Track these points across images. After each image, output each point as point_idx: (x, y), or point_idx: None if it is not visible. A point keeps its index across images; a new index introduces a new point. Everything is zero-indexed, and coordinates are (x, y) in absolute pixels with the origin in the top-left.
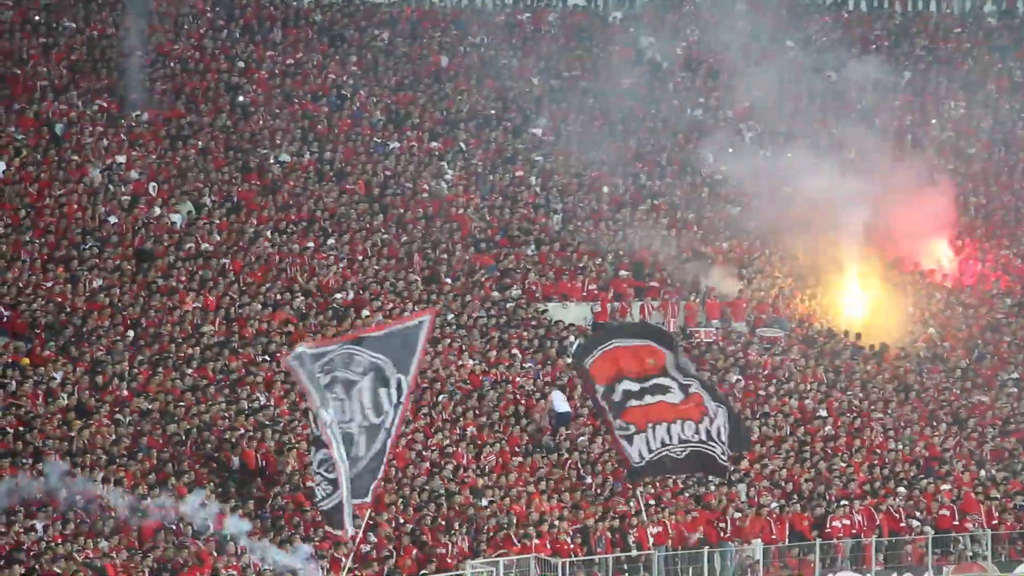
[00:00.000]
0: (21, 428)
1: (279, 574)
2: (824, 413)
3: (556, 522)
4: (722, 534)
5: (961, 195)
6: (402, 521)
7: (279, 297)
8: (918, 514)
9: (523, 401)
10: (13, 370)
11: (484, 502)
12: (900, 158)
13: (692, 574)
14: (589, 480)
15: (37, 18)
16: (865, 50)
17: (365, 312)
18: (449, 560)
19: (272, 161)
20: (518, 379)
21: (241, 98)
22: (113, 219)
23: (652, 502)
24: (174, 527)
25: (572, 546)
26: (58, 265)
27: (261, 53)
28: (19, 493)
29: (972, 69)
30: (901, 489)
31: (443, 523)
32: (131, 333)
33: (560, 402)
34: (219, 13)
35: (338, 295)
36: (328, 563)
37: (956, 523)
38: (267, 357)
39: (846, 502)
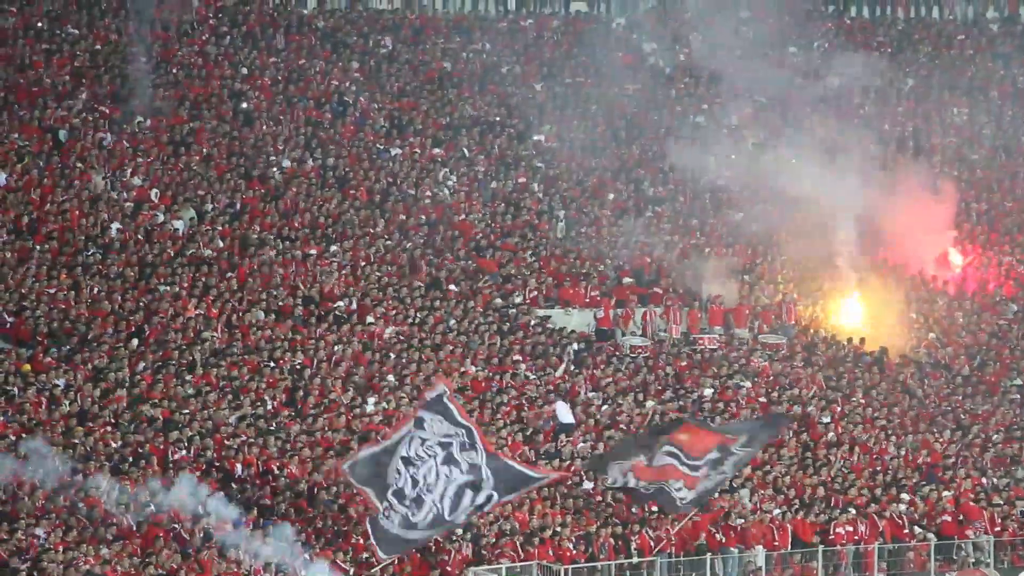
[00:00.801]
0: (24, 435)
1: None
2: (826, 419)
3: (558, 529)
4: (724, 540)
5: (964, 201)
6: None
7: (281, 304)
8: (917, 517)
9: (526, 408)
10: (16, 377)
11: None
12: (903, 164)
13: None
14: (591, 486)
15: (40, 24)
16: (868, 56)
17: (369, 319)
18: (451, 568)
19: (275, 169)
20: (524, 386)
21: (244, 105)
22: (116, 226)
23: (655, 509)
24: (176, 532)
25: (574, 553)
26: (61, 272)
27: (264, 60)
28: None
29: (975, 76)
30: (904, 496)
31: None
32: (135, 340)
33: (564, 413)
34: (222, 20)
35: (340, 303)
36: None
37: (959, 529)
38: (271, 364)
39: (852, 509)
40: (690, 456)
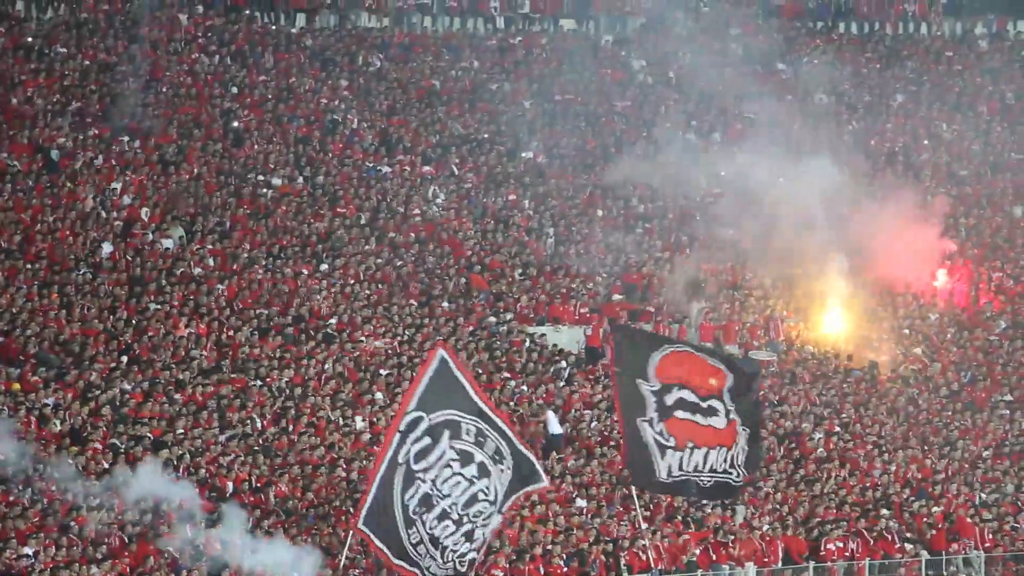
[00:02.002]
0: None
1: None
2: (817, 435)
3: (549, 547)
4: (715, 557)
5: (953, 217)
6: None
7: (272, 322)
8: (910, 535)
9: (518, 425)
10: (6, 396)
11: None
12: (892, 180)
13: None
14: (583, 504)
15: (30, 41)
16: (857, 73)
17: (361, 338)
18: None
19: (265, 188)
20: (518, 402)
21: (234, 123)
22: (107, 245)
23: (644, 525)
24: (167, 553)
25: (566, 570)
26: (51, 291)
27: (253, 78)
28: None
29: (964, 92)
30: (885, 511)
31: None
32: (124, 359)
33: (553, 424)
34: (211, 38)
35: (331, 320)
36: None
37: (949, 545)
38: (259, 382)
39: (845, 523)
40: (701, 397)
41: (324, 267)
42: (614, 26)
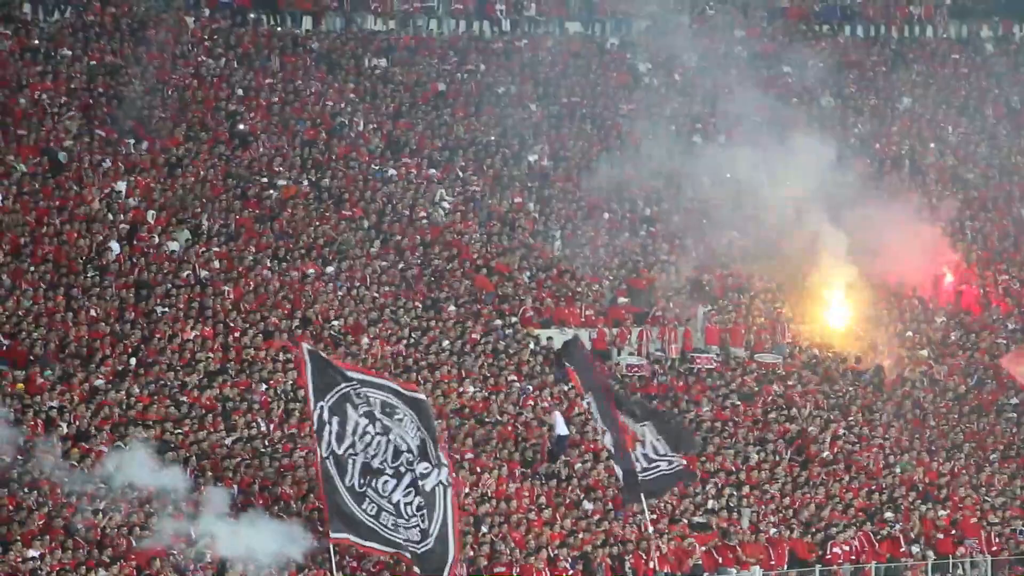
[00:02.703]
0: (20, 456)
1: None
2: (823, 438)
3: (555, 551)
4: (721, 560)
5: (959, 220)
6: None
7: (280, 324)
8: (914, 537)
9: (522, 427)
10: (12, 399)
11: (484, 529)
12: (898, 183)
13: None
14: (589, 507)
15: (36, 44)
16: (862, 76)
17: (364, 340)
18: None
19: (271, 190)
20: (524, 404)
21: (240, 126)
22: (113, 246)
23: (650, 529)
24: (173, 554)
25: (572, 572)
26: (57, 293)
27: (260, 81)
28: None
29: (969, 94)
30: (889, 514)
31: None
32: (132, 360)
33: (560, 425)
34: (217, 41)
35: (335, 322)
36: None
37: (955, 548)
38: (265, 385)
39: (854, 527)
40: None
41: (330, 269)
42: (619, 29)
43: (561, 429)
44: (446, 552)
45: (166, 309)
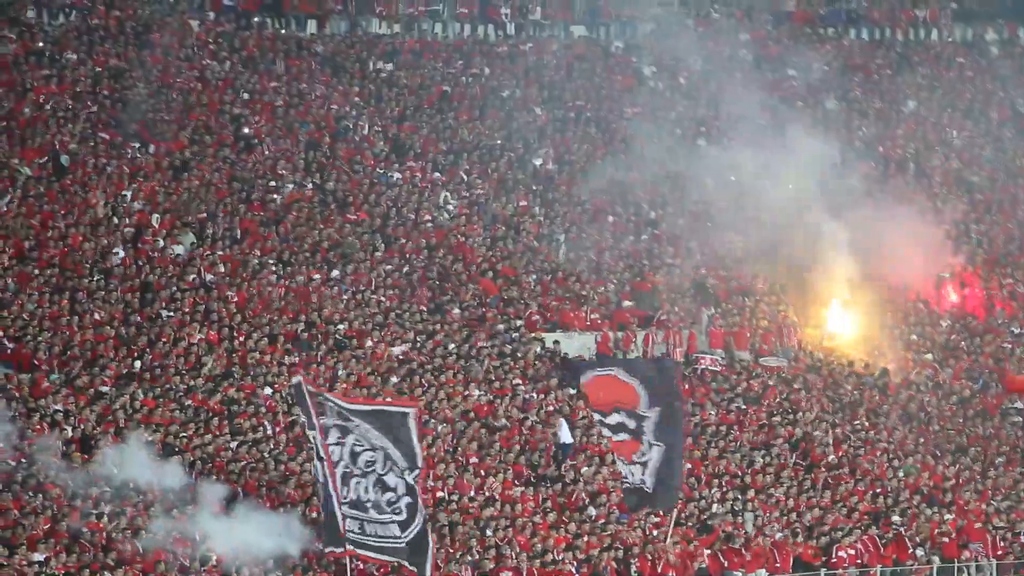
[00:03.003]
0: (23, 460)
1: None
2: (828, 442)
3: (560, 555)
4: (727, 564)
5: (964, 223)
6: None
7: (286, 328)
8: (920, 540)
9: (527, 433)
10: (17, 402)
11: (488, 532)
12: (903, 187)
13: None
14: (593, 511)
15: (41, 47)
16: (867, 79)
17: (369, 343)
18: None
19: (275, 194)
20: (528, 409)
21: (245, 130)
22: (118, 250)
23: (655, 532)
24: (178, 558)
25: None
26: (62, 297)
27: (264, 84)
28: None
29: (974, 98)
30: (896, 518)
31: (447, 553)
32: (137, 364)
33: (564, 432)
34: (221, 45)
35: (340, 326)
36: None
37: (960, 552)
38: (270, 389)
39: (859, 531)
40: (603, 413)
41: (335, 273)
42: (624, 32)
43: (566, 436)
44: (425, 542)
45: (171, 313)
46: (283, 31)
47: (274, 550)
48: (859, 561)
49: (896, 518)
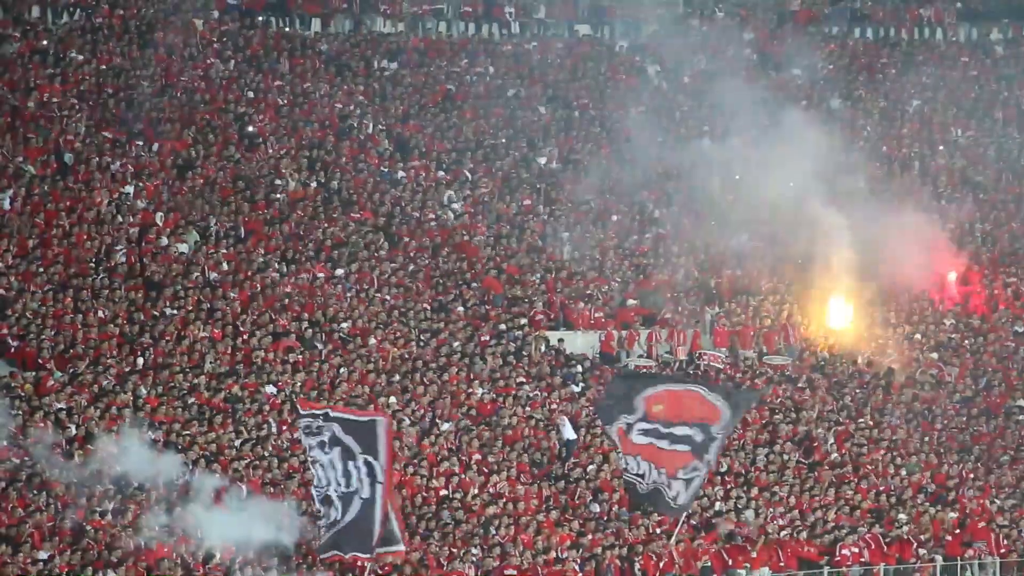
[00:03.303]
0: (26, 457)
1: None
2: (831, 440)
3: (564, 554)
4: (731, 562)
5: (968, 222)
6: (408, 550)
7: (288, 327)
8: (923, 539)
9: (531, 430)
10: (21, 400)
11: (492, 531)
12: (908, 186)
13: None
14: (597, 508)
15: (45, 46)
16: (872, 79)
17: (372, 340)
18: None
19: (279, 193)
20: (526, 408)
21: (249, 128)
22: (121, 248)
23: (658, 530)
24: (181, 556)
25: (581, 574)
26: (66, 295)
27: (268, 83)
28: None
29: (979, 97)
30: (902, 516)
31: (450, 551)
32: (139, 361)
33: (568, 430)
34: (226, 44)
35: (344, 324)
36: None
37: (964, 551)
38: (273, 387)
39: (863, 529)
40: (668, 423)
41: (339, 272)
42: (628, 32)
43: (569, 433)
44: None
45: (175, 311)
46: (287, 30)
47: (270, 541)
48: (862, 559)
49: (902, 516)
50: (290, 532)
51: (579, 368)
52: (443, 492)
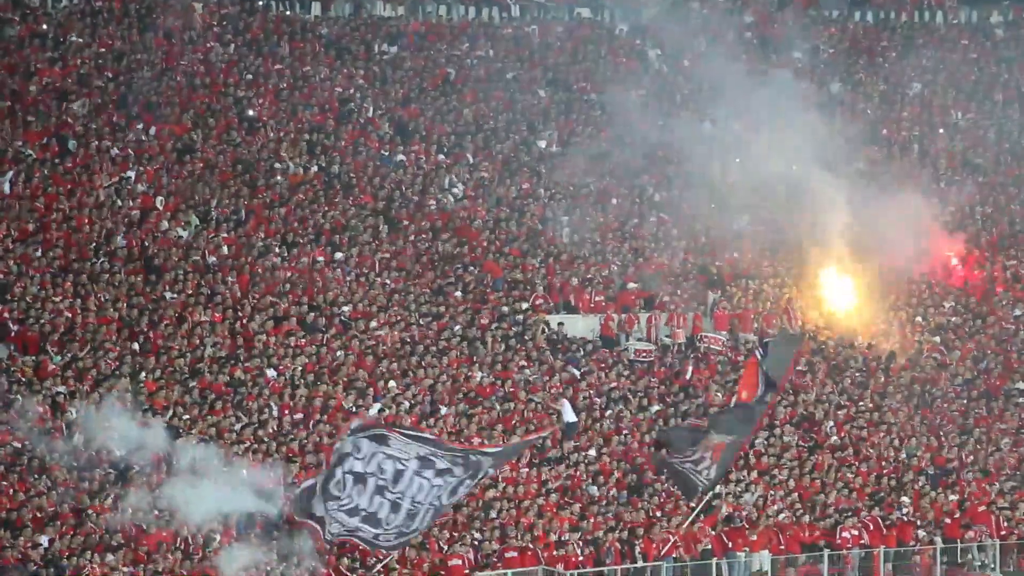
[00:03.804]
0: (27, 442)
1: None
2: (832, 423)
3: (564, 536)
4: (731, 545)
5: (969, 205)
6: None
7: (288, 311)
8: (921, 523)
9: (531, 413)
10: (20, 384)
11: (492, 514)
12: (908, 169)
13: None
14: (597, 492)
15: (45, 30)
16: (872, 62)
17: (373, 323)
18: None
19: (279, 177)
20: (531, 391)
21: (249, 112)
22: (121, 232)
23: (659, 513)
24: (180, 541)
25: (581, 558)
26: (66, 279)
27: (268, 67)
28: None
29: (979, 80)
30: (905, 499)
31: (450, 535)
32: (136, 346)
33: (568, 412)
34: (226, 27)
35: (345, 308)
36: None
37: (964, 533)
38: (273, 371)
39: (862, 509)
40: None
41: (339, 255)
42: (629, 15)
43: (569, 416)
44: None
45: (175, 295)
46: (287, 13)
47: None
48: (862, 542)
49: (905, 499)
50: (274, 502)
51: (581, 352)
52: None
